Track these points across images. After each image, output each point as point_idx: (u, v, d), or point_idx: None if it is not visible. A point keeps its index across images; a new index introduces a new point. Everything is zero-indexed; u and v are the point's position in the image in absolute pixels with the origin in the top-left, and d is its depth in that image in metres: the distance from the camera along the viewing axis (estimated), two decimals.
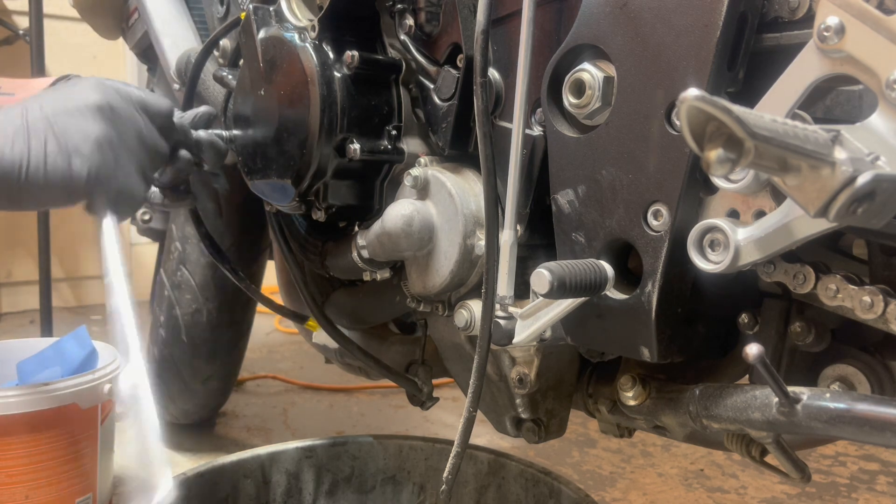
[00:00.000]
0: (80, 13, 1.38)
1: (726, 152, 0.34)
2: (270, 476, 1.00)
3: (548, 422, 0.80)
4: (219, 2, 1.03)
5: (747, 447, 0.67)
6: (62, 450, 1.07)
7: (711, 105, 0.34)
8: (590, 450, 1.61)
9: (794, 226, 0.48)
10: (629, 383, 0.69)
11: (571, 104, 0.61)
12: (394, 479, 1.06)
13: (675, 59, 0.54)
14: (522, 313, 0.64)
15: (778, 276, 0.56)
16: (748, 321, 0.63)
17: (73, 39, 2.64)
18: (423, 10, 0.75)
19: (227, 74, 0.94)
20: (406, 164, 0.77)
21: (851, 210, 0.37)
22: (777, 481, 1.46)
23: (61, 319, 2.13)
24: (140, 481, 0.65)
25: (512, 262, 0.65)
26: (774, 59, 0.52)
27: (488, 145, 0.66)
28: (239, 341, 1.52)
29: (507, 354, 0.76)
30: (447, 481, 0.74)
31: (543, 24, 0.65)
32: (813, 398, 0.52)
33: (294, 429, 1.69)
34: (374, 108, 0.77)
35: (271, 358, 2.19)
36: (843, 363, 0.59)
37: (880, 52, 0.43)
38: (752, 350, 0.47)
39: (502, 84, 0.70)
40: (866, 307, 0.52)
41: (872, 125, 0.43)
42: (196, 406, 1.56)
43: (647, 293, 0.58)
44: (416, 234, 0.72)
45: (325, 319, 0.93)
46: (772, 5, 0.53)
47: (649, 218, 0.57)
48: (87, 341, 1.23)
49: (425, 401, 0.96)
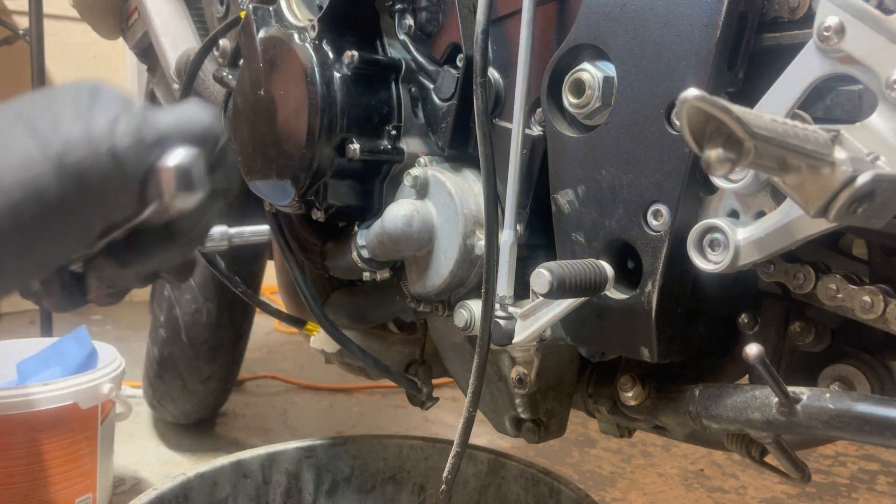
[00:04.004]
0: (80, 13, 1.38)
1: (726, 152, 0.34)
2: (270, 476, 1.00)
3: (548, 422, 0.80)
4: (219, 1, 1.03)
5: (747, 447, 0.67)
6: (62, 450, 1.08)
7: (711, 105, 0.34)
8: (590, 450, 1.61)
9: (794, 226, 0.48)
10: (629, 383, 0.69)
11: (571, 104, 0.61)
12: (394, 479, 1.06)
13: (675, 59, 0.54)
14: (522, 313, 0.64)
15: (778, 276, 0.56)
16: (748, 321, 0.63)
17: (73, 39, 2.65)
18: (423, 9, 0.75)
19: (226, 74, 0.94)
20: (406, 164, 0.77)
21: (851, 210, 0.37)
22: (777, 481, 1.46)
23: (61, 319, 2.13)
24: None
25: (512, 262, 0.65)
26: (774, 59, 0.52)
27: (488, 145, 0.65)
28: (239, 341, 1.52)
29: (507, 354, 0.76)
30: (447, 481, 0.74)
31: (543, 24, 0.65)
32: (813, 398, 0.52)
33: (294, 429, 1.69)
34: (374, 108, 0.77)
35: (271, 358, 2.19)
36: (843, 363, 0.59)
37: (880, 52, 0.43)
38: (752, 350, 0.47)
39: (502, 84, 0.70)
40: (866, 307, 0.52)
41: (872, 125, 0.43)
42: (196, 406, 1.56)
43: (646, 293, 0.58)
44: (415, 234, 0.72)
45: (325, 319, 0.93)
46: (772, 5, 0.53)
47: (649, 218, 0.57)
48: (87, 341, 1.23)
49: (425, 401, 0.96)
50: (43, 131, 0.40)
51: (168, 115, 0.44)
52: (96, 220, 0.43)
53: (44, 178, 0.39)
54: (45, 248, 0.42)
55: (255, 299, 1.00)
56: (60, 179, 0.40)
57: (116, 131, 0.41)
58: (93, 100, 0.42)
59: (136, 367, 1.57)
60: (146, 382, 1.54)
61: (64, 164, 0.40)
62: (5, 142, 0.40)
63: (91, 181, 0.40)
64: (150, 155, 0.42)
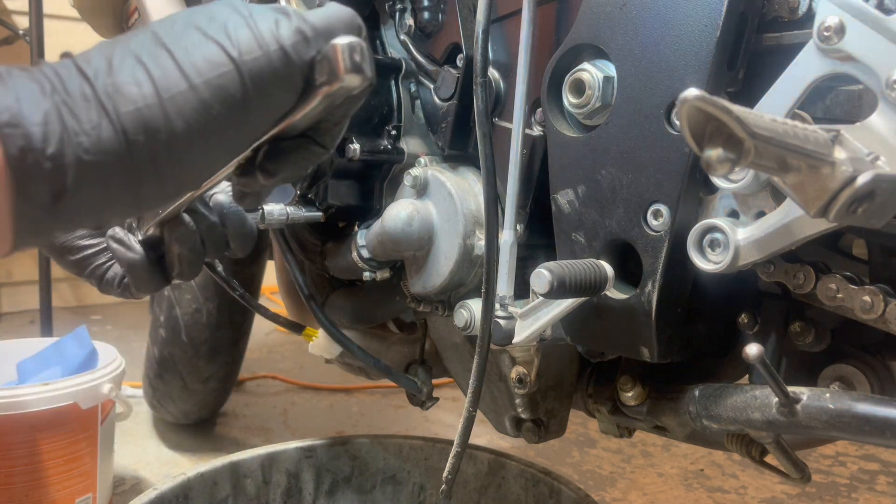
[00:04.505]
0: (80, 13, 1.38)
1: (726, 152, 0.34)
2: (270, 476, 1.00)
3: (548, 422, 0.80)
4: None
5: (747, 447, 0.67)
6: (62, 450, 1.08)
7: (711, 105, 0.34)
8: (590, 450, 1.61)
9: (794, 226, 0.48)
10: (629, 383, 0.69)
11: (571, 104, 0.61)
12: (394, 479, 1.06)
13: (675, 58, 0.54)
14: (522, 313, 0.64)
15: (778, 276, 0.56)
16: (748, 321, 0.63)
17: (73, 39, 2.64)
18: (423, 9, 0.75)
19: None
20: (406, 164, 0.77)
21: (851, 210, 0.37)
22: (777, 481, 1.46)
23: (61, 319, 2.14)
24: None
25: (512, 262, 0.65)
26: (774, 59, 0.52)
27: (488, 145, 0.65)
28: (239, 341, 1.52)
29: (507, 354, 0.76)
30: (447, 481, 0.74)
31: (543, 24, 0.65)
32: (813, 398, 0.52)
33: (294, 429, 1.69)
34: (374, 108, 0.77)
35: (271, 358, 2.19)
36: (842, 363, 0.59)
37: (880, 51, 0.43)
38: (752, 350, 0.47)
39: (502, 84, 0.70)
40: (866, 307, 0.52)
41: (872, 125, 0.43)
42: (196, 406, 1.56)
43: (646, 293, 0.58)
44: (415, 234, 0.72)
45: (325, 320, 0.93)
46: (772, 5, 0.53)
47: (649, 218, 0.57)
48: (87, 341, 1.23)
49: (425, 401, 0.96)
50: (218, 37, 0.44)
51: (317, 13, 0.48)
52: (267, 116, 0.47)
53: (227, 77, 0.44)
54: (227, 143, 0.47)
55: (253, 303, 1.00)
56: (241, 78, 0.44)
57: (280, 32, 0.45)
58: (250, 8, 0.46)
59: (136, 367, 1.57)
60: (146, 382, 1.54)
61: (243, 64, 0.44)
62: (186, 46, 0.44)
63: (265, 79, 0.45)
64: (312, 49, 0.46)
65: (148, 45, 0.44)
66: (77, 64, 0.43)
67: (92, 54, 0.44)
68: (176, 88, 0.43)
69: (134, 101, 0.42)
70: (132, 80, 0.42)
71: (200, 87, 0.43)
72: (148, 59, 0.43)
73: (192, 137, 0.44)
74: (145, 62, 0.43)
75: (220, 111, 0.44)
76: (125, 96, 0.42)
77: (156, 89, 0.42)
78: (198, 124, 0.43)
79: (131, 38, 0.45)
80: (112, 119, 0.41)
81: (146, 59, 0.43)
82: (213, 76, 0.43)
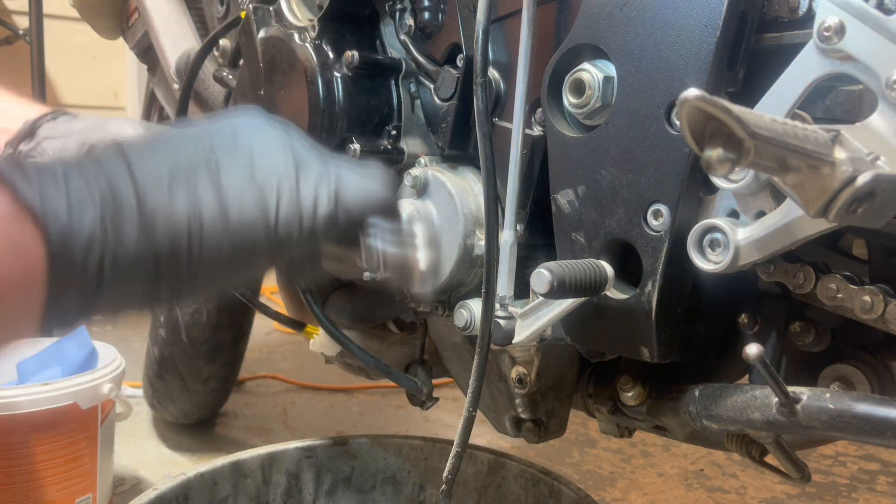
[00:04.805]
0: (80, 13, 1.38)
1: (726, 152, 0.34)
2: (270, 476, 1.00)
3: (548, 422, 0.80)
4: (219, 1, 1.03)
5: (747, 447, 0.67)
6: (62, 450, 1.08)
7: (711, 105, 0.34)
8: (590, 450, 1.61)
9: (794, 226, 0.48)
10: (629, 383, 0.69)
11: (571, 104, 0.61)
12: (394, 479, 1.06)
13: (674, 58, 0.54)
14: (522, 313, 0.64)
15: (778, 276, 0.56)
16: (748, 321, 0.63)
17: (73, 39, 2.65)
18: (424, 9, 0.75)
19: (226, 74, 0.94)
20: (406, 164, 0.77)
21: (851, 210, 0.37)
22: (777, 481, 1.46)
23: None
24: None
25: (512, 262, 0.65)
26: (774, 59, 0.52)
27: (488, 145, 0.65)
28: (239, 341, 1.52)
29: (507, 354, 0.76)
30: (447, 481, 0.74)
31: (543, 24, 0.65)
32: (813, 398, 0.51)
33: (294, 429, 1.69)
34: (374, 108, 0.77)
35: (271, 358, 2.19)
36: (842, 363, 0.59)
37: (880, 52, 0.43)
38: (752, 350, 0.47)
39: (502, 84, 0.70)
40: (866, 307, 0.52)
41: (872, 125, 0.43)
42: (196, 406, 1.56)
43: (646, 293, 0.58)
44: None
45: (325, 320, 0.93)
46: (772, 5, 0.53)
47: (649, 218, 0.57)
48: (87, 341, 1.23)
49: (425, 401, 0.96)
50: (265, 200, 0.51)
51: (356, 188, 0.55)
52: (283, 265, 0.59)
53: (259, 239, 0.51)
54: (243, 279, 0.57)
55: (255, 302, 1.00)
56: (269, 246, 0.52)
57: (318, 212, 0.53)
58: (297, 169, 0.53)
59: (136, 367, 1.57)
60: (146, 382, 1.54)
61: (276, 234, 0.52)
62: (235, 195, 0.50)
63: (290, 246, 0.53)
64: (339, 225, 0.54)
65: (203, 173, 0.49)
66: (130, 169, 0.47)
67: (146, 158, 0.48)
68: (212, 229, 0.48)
69: (174, 230, 0.47)
70: (178, 206, 0.47)
71: (235, 236, 0.49)
72: (197, 190, 0.48)
73: (214, 271, 0.50)
74: (195, 193, 0.48)
75: (242, 262, 0.51)
76: (167, 221, 0.46)
77: (197, 224, 0.47)
78: (221, 263, 0.50)
79: (187, 144, 0.51)
80: (150, 238, 0.46)
81: (198, 190, 0.48)
82: (248, 236, 0.50)
